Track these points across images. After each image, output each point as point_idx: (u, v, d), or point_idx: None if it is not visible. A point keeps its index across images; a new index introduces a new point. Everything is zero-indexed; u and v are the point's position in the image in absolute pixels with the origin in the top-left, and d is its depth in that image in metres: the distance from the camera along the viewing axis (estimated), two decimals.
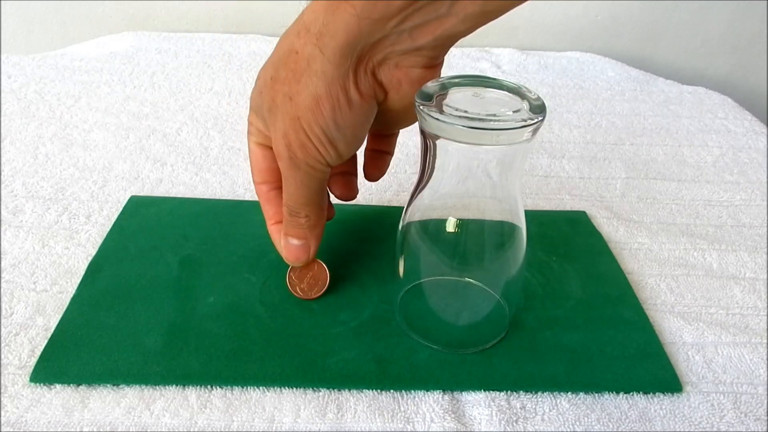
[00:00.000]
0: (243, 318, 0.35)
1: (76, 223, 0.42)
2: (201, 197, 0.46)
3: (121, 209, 0.44)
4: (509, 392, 0.31)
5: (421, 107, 0.28)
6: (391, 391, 0.31)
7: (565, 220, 0.46)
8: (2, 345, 0.32)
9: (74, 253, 0.39)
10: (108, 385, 0.30)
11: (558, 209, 0.48)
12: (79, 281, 0.37)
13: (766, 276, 0.42)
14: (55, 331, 0.33)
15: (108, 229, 0.41)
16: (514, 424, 0.30)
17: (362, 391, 0.31)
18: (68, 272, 0.38)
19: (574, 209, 0.48)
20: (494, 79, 0.31)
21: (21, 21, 0.86)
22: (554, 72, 0.78)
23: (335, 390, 0.31)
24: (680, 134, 0.63)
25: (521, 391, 0.31)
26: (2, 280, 0.37)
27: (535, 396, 0.31)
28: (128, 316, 0.34)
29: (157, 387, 0.30)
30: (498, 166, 0.30)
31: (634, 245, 0.44)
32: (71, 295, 0.35)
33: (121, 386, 0.30)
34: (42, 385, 0.30)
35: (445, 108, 0.28)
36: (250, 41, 0.79)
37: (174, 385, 0.31)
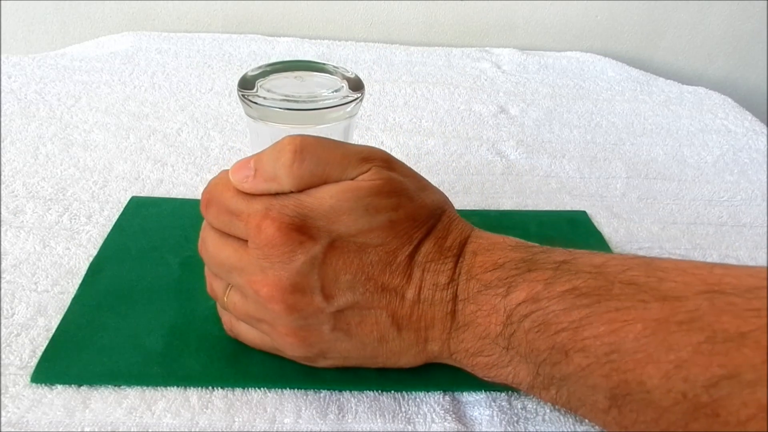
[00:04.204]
0: None
1: (76, 224, 0.42)
2: None
3: (122, 210, 0.44)
4: (510, 392, 0.31)
5: (243, 94, 0.29)
6: (392, 391, 0.31)
7: (565, 220, 0.46)
8: (3, 345, 0.32)
9: (75, 253, 0.39)
10: (109, 386, 0.30)
11: (558, 209, 0.48)
12: (80, 282, 0.37)
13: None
14: (56, 331, 0.33)
15: (109, 230, 0.41)
16: (515, 424, 0.30)
17: (363, 392, 0.31)
18: (69, 273, 0.38)
19: (574, 209, 0.48)
20: (315, 62, 0.33)
21: (21, 21, 0.86)
22: (554, 72, 0.78)
23: (336, 391, 0.31)
24: (680, 134, 0.63)
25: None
26: (3, 281, 0.37)
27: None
28: (129, 317, 0.34)
29: (158, 388, 0.30)
30: None
31: (634, 245, 0.44)
32: (72, 296, 0.35)
33: (122, 387, 0.30)
34: (43, 385, 0.30)
35: (267, 93, 0.29)
36: (250, 41, 0.79)
37: (175, 386, 0.31)
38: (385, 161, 0.28)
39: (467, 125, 0.61)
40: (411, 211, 0.28)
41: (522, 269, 0.27)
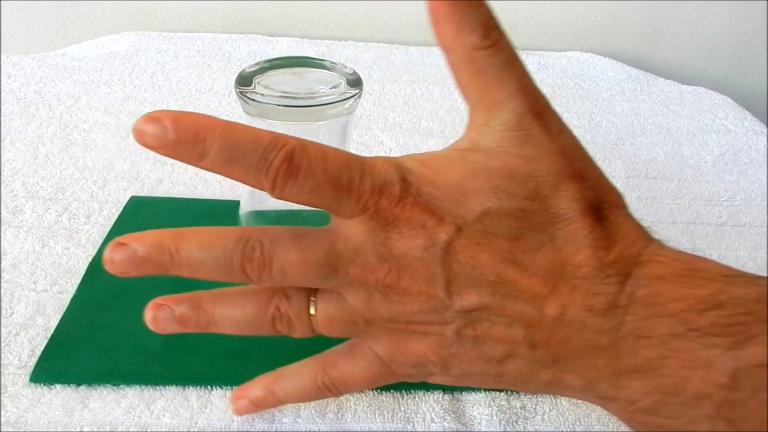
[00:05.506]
0: None
1: (76, 223, 0.42)
2: (201, 197, 0.46)
3: (121, 209, 0.44)
4: (509, 392, 0.31)
5: (240, 91, 0.29)
6: (392, 390, 0.31)
7: None
8: (2, 345, 0.32)
9: (74, 253, 0.39)
10: (108, 385, 0.30)
11: None
12: (79, 281, 0.37)
13: (766, 276, 0.42)
14: (55, 331, 0.33)
15: (108, 230, 0.41)
16: (515, 424, 0.30)
17: (362, 391, 0.31)
18: (68, 272, 0.38)
19: None
20: (313, 58, 0.33)
21: (21, 21, 0.86)
22: (554, 72, 0.78)
23: None
24: (680, 134, 0.63)
25: (521, 391, 0.31)
26: (2, 280, 0.37)
27: (535, 396, 0.31)
28: (128, 316, 0.34)
29: (157, 387, 0.30)
30: (330, 142, 0.31)
31: None
32: (71, 296, 0.35)
33: (121, 386, 0.30)
34: (42, 385, 0.30)
35: (264, 90, 0.29)
36: (250, 41, 0.79)
37: (174, 385, 0.31)
38: (541, 121, 0.24)
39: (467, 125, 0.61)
40: (552, 204, 0.22)
41: (759, 315, 0.20)
